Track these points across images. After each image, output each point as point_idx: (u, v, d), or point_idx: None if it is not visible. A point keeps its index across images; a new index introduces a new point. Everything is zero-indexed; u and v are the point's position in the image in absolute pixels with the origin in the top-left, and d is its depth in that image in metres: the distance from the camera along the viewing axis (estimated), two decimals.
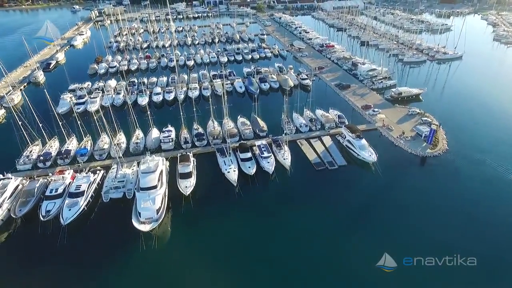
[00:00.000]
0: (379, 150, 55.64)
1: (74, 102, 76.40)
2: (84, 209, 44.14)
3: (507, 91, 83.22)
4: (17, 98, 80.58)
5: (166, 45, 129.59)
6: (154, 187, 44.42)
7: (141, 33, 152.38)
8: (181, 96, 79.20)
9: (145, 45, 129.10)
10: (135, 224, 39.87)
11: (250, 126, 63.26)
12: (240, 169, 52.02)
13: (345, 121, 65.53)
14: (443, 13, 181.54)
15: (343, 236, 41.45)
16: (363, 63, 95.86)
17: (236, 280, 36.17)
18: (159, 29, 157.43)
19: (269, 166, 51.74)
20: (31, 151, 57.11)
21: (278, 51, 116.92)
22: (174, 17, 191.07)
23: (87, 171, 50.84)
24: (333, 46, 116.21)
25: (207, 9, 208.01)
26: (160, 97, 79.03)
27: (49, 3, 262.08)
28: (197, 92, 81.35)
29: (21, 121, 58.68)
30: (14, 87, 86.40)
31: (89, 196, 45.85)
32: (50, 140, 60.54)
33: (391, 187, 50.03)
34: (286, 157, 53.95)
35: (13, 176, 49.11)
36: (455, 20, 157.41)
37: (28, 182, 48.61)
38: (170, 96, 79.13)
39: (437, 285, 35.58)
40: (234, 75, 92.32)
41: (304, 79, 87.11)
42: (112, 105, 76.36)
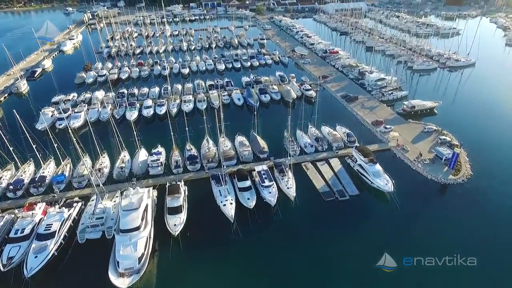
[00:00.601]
0: (395, 175, 49.81)
1: (56, 117, 70.11)
2: (54, 255, 37.78)
3: None
4: None
5: (161, 51, 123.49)
6: (137, 229, 38.14)
7: (135, 38, 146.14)
8: (174, 110, 73.00)
9: (138, 51, 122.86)
10: (112, 278, 33.57)
11: (249, 147, 56.99)
12: (238, 201, 45.78)
13: (355, 140, 59.43)
14: (450, 16, 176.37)
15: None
16: (371, 72, 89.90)
17: None
18: (154, 33, 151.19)
19: (271, 198, 45.53)
20: (1, 178, 50.79)
21: (279, 58, 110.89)
22: (170, 20, 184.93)
23: (62, 204, 44.50)
24: (337, 52, 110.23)
25: (205, 11, 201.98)
26: (151, 111, 72.73)
27: (42, 5, 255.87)
28: (191, 105, 75.15)
29: None
30: None
31: (62, 238, 39.51)
32: (25, 164, 54.27)
33: (411, 222, 43.84)
34: (290, 186, 47.75)
35: None
36: (463, 23, 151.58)
37: None
38: (162, 110, 72.82)
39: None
40: (232, 85, 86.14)
41: (308, 90, 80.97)
42: (98, 121, 70.23)
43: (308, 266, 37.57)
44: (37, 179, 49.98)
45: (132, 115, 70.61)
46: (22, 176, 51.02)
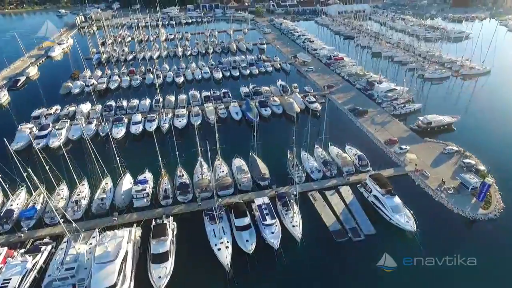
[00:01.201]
0: (415, 207, 43.76)
1: (34, 135, 63.78)
2: None
3: None
4: None
5: (154, 57, 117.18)
6: (113, 287, 31.74)
7: (128, 42, 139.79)
8: (165, 126, 66.79)
9: (131, 57, 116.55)
10: None
11: (248, 173, 50.59)
12: (235, 243, 39.46)
13: (367, 164, 53.17)
14: (457, 18, 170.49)
15: None
16: (380, 82, 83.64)
17: None
18: (148, 37, 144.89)
19: (274, 239, 39.25)
20: None
21: (280, 65, 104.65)
22: (166, 23, 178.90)
23: (27, 249, 38.15)
24: (342, 59, 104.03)
25: (202, 14, 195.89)
26: (140, 128, 66.43)
27: (34, 7, 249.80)
28: (185, 121, 68.89)
29: None
30: None
31: None
32: None
33: (438, 271, 37.50)
34: (296, 223, 41.48)
35: None
36: (472, 26, 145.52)
37: None
38: (152, 126, 66.52)
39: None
40: (230, 97, 79.89)
41: (312, 102, 74.72)
42: (81, 139, 63.78)
43: None
44: (3, 213, 43.68)
45: (119, 133, 64.38)
46: None
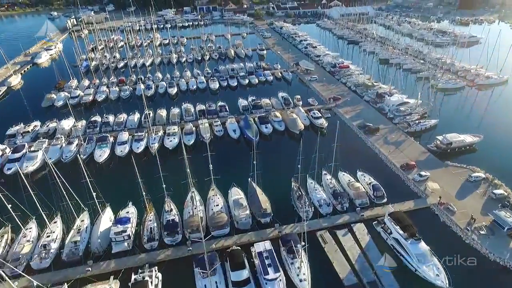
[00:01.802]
0: (442, 251, 37.35)
1: (6, 158, 57.27)
2: None
3: None
4: None
5: (147, 64, 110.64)
6: None
7: (120, 47, 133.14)
8: (155, 146, 60.28)
9: (122, 64, 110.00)
10: None
11: (247, 208, 44.09)
12: None
13: (383, 195, 46.83)
14: (465, 21, 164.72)
15: None
16: (390, 93, 77.37)
17: None
18: (141, 42, 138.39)
19: None
20: None
21: (281, 73, 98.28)
22: (161, 26, 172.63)
23: None
24: (348, 67, 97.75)
25: (199, 16, 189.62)
26: (126, 149, 59.87)
27: (26, 9, 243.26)
28: (176, 140, 62.25)
29: None
30: None
31: None
32: None
33: None
34: (304, 276, 35.06)
35: None
36: (484, 30, 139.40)
37: None
38: (140, 147, 60.05)
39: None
40: (227, 111, 73.45)
41: (317, 118, 68.42)
42: (58, 162, 57.17)
43: None
44: None
45: (102, 155, 57.83)
46: None
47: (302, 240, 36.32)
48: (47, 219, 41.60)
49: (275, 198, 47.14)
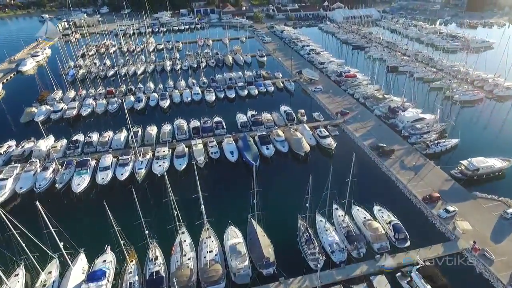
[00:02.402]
0: None
1: None
2: None
3: None
4: None
5: (139, 72, 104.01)
6: None
7: (112, 53, 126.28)
8: (141, 172, 53.57)
9: (112, 72, 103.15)
10: None
11: (246, 258, 37.35)
12: None
13: (406, 237, 40.21)
14: (474, 24, 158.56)
15: None
16: (404, 108, 70.82)
17: None
18: (134, 48, 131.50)
19: None
20: None
21: (283, 83, 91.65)
22: (156, 30, 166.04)
23: None
24: (355, 76, 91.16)
25: (196, 19, 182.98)
26: (108, 176, 53.08)
27: (17, 11, 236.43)
28: (167, 164, 55.62)
29: None
30: None
31: None
32: None
33: None
34: None
35: None
36: (493, 34, 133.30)
37: None
38: (124, 173, 53.38)
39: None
40: (224, 128, 66.78)
41: (325, 137, 61.77)
42: (31, 192, 50.47)
43: None
44: None
45: (81, 183, 51.08)
46: None
47: None
48: (3, 275, 34.64)
49: (279, 240, 40.72)
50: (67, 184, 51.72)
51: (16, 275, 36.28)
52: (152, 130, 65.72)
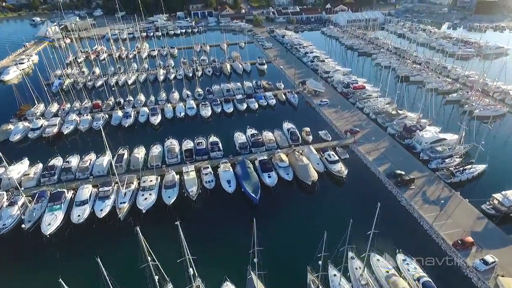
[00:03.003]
0: None
1: None
2: None
3: None
4: None
5: (130, 81, 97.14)
6: None
7: (103, 60, 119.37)
8: (124, 207, 46.61)
9: (100, 82, 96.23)
10: None
11: None
12: None
13: None
14: (484, 28, 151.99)
15: None
16: (421, 126, 64.03)
17: None
18: (127, 54, 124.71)
19: None
20: None
21: (285, 95, 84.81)
22: (151, 34, 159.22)
23: None
24: (364, 87, 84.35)
25: (193, 23, 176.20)
26: (85, 212, 46.13)
27: (7, 14, 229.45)
28: (154, 197, 48.74)
29: None
30: None
31: None
32: None
33: None
34: None
35: None
36: (505, 39, 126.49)
37: None
38: (104, 208, 46.50)
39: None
40: (220, 150, 59.93)
41: (334, 162, 54.87)
42: None
43: None
44: None
45: (52, 222, 44.16)
46: None
47: None
48: None
49: None
50: (36, 223, 44.70)
51: None
52: (140, 153, 58.76)
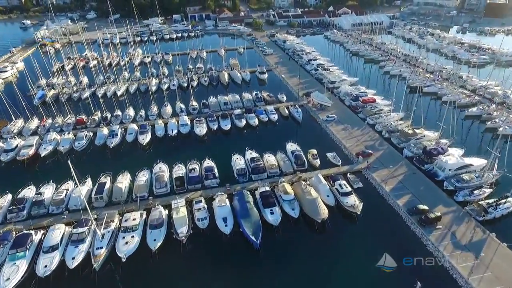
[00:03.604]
0: None
1: None
2: None
3: None
4: None
5: (119, 93, 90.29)
6: None
7: (93, 68, 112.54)
8: (100, 254, 39.57)
9: (88, 93, 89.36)
10: None
11: None
12: None
13: None
14: (496, 32, 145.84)
15: None
16: (442, 148, 57.05)
17: None
18: (119, 61, 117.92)
19: None
20: None
21: (288, 109, 78.00)
22: (145, 39, 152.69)
23: None
24: (374, 101, 77.61)
25: (190, 26, 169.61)
26: (54, 261, 39.10)
27: None
28: (137, 239, 41.81)
29: None
30: None
31: None
32: None
33: None
34: None
35: None
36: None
37: None
38: (77, 257, 39.48)
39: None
40: (215, 177, 53.02)
41: (346, 195, 47.95)
42: None
43: None
44: None
45: (12, 277, 37.07)
46: None
47: None
48: None
49: None
50: None
51: None
52: (124, 182, 51.76)
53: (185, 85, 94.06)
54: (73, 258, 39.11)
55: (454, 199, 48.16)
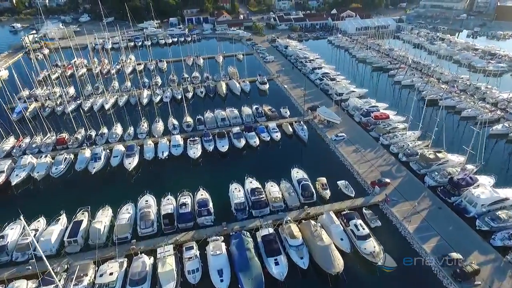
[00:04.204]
0: None
1: None
2: None
3: None
4: None
5: (107, 106, 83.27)
6: None
7: (81, 76, 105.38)
8: None
9: (72, 107, 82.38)
10: None
11: None
12: None
13: None
14: (508, 36, 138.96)
15: None
16: (471, 178, 49.99)
17: None
18: (109, 69, 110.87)
19: None
20: None
21: (292, 126, 70.98)
22: (140, 43, 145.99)
23: None
24: (388, 117, 70.59)
25: (186, 31, 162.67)
26: None
27: None
28: None
29: None
30: None
31: None
32: None
33: None
34: None
35: None
36: None
37: None
38: None
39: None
40: (210, 214, 46.00)
41: (364, 238, 40.89)
42: None
43: None
44: None
45: None
46: None
47: None
48: None
49: None
50: None
51: None
52: (103, 220, 44.75)
53: (180, 97, 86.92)
54: None
55: (491, 243, 41.15)
